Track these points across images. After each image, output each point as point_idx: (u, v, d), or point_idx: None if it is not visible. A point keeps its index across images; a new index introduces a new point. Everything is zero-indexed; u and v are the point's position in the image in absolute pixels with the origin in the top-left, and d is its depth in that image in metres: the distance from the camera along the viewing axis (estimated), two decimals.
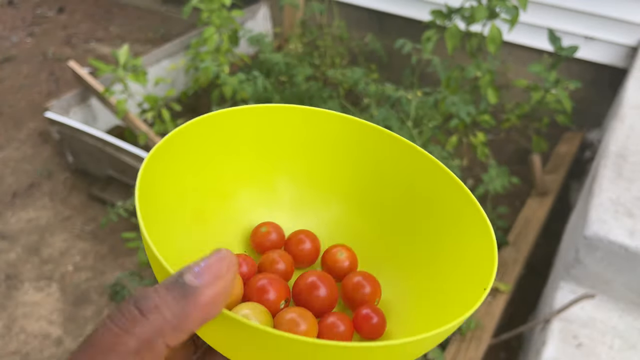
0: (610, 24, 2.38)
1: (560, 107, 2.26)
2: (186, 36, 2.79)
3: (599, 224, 1.44)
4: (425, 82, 3.04)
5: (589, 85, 2.58)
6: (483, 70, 2.04)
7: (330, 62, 2.76)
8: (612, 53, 2.43)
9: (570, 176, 2.36)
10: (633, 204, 1.49)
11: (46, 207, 2.25)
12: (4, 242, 2.09)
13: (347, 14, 3.02)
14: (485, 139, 2.12)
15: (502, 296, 1.73)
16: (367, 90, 1.99)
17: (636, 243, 1.39)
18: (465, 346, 1.58)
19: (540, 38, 2.53)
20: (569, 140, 2.51)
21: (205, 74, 2.38)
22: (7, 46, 3.30)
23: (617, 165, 1.61)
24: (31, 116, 2.75)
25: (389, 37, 2.98)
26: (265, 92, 2.44)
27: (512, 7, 1.96)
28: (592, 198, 1.52)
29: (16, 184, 2.35)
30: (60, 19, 3.62)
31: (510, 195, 2.33)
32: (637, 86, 2.00)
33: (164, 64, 2.68)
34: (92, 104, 2.44)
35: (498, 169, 1.99)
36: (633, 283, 1.43)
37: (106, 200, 2.24)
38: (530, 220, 2.05)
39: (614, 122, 1.88)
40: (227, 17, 2.53)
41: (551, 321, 1.46)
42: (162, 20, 3.67)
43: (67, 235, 2.13)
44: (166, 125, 2.31)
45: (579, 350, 1.36)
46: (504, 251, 1.92)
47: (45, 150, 2.54)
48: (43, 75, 3.06)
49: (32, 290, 1.91)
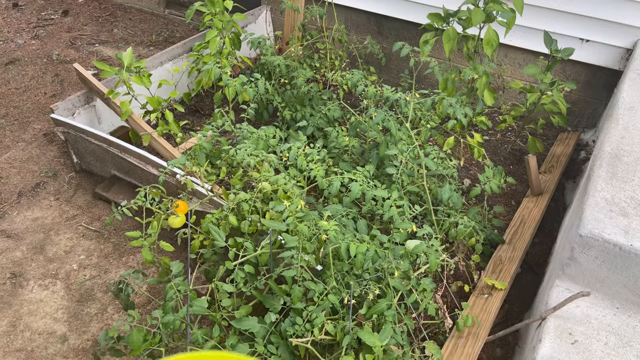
0: (605, 27, 2.41)
1: (555, 108, 2.30)
2: (189, 39, 2.83)
3: (593, 223, 1.47)
4: (422, 84, 3.08)
5: (584, 86, 2.62)
6: (479, 72, 2.07)
7: (330, 64, 2.80)
8: (607, 55, 2.46)
9: (565, 176, 2.39)
10: (627, 204, 1.52)
11: (51, 207, 2.29)
12: (9, 241, 2.13)
13: (347, 17, 3.06)
14: (481, 139, 2.16)
15: (498, 294, 1.77)
16: (366, 92, 2.03)
17: (630, 242, 1.42)
18: (462, 342, 1.61)
19: (536, 40, 2.56)
20: (564, 140, 2.54)
21: (208, 76, 2.42)
22: (13, 48, 3.35)
23: (612, 166, 1.64)
24: (36, 117, 2.79)
25: (387, 40, 3.02)
26: (267, 94, 2.48)
27: (508, 10, 1.99)
28: (587, 198, 1.55)
29: (22, 183, 2.39)
30: (64, 22, 3.67)
31: (506, 195, 2.36)
32: (632, 88, 2.04)
33: (167, 67, 2.73)
34: (97, 105, 2.48)
35: (494, 169, 2.03)
36: (627, 281, 1.46)
37: (110, 199, 2.28)
38: (526, 219, 2.08)
39: (608, 123, 1.91)
40: (229, 20, 2.57)
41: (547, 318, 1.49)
42: (165, 24, 3.71)
43: (72, 234, 2.16)
44: (169, 127, 2.35)
45: (575, 347, 1.39)
46: (500, 250, 1.95)
47: (50, 150, 2.58)
48: (48, 77, 3.10)
49: (37, 288, 1.95)
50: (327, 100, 2.48)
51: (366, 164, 1.95)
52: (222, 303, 1.47)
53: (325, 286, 1.45)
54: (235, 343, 1.37)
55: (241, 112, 2.14)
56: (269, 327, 1.42)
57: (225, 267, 1.50)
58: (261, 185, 1.65)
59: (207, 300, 1.43)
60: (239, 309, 1.47)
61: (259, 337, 1.40)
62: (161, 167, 2.04)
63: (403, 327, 1.48)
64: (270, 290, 1.52)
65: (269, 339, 1.41)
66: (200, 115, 2.81)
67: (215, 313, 1.47)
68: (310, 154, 1.84)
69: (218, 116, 2.21)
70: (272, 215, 1.65)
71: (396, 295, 1.53)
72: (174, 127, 2.34)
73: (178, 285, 1.39)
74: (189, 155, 1.93)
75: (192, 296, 1.44)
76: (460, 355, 1.58)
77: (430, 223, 1.91)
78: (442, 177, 2.03)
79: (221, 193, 1.87)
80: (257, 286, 1.48)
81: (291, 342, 1.36)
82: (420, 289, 1.55)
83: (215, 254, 1.65)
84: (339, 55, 2.83)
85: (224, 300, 1.47)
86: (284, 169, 1.95)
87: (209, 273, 1.62)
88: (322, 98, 2.52)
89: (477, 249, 1.89)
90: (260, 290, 1.51)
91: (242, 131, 2.01)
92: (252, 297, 1.50)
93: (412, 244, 1.56)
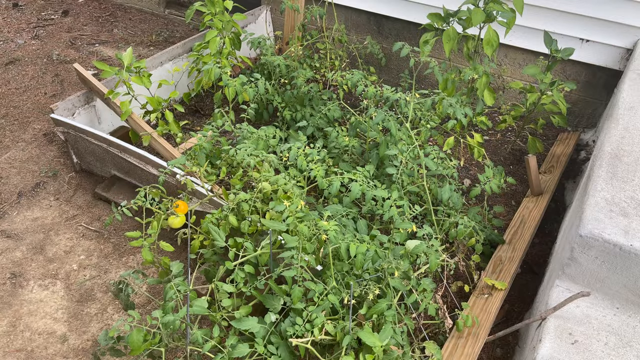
0: (605, 27, 2.41)
1: (555, 108, 2.30)
2: (189, 39, 2.83)
3: (593, 223, 1.47)
4: (422, 84, 3.08)
5: (584, 86, 2.62)
6: (479, 72, 2.07)
7: (330, 64, 2.80)
8: (607, 55, 2.46)
9: (565, 176, 2.39)
10: (627, 204, 1.52)
11: (51, 207, 2.29)
12: (9, 241, 2.13)
13: (347, 17, 3.06)
14: (481, 139, 2.16)
15: (498, 294, 1.76)
16: (366, 92, 2.03)
17: (630, 242, 1.42)
18: (462, 342, 1.61)
19: (536, 40, 2.56)
20: (564, 141, 2.54)
21: (208, 76, 2.42)
22: (13, 48, 3.35)
23: (612, 166, 1.64)
24: (36, 117, 2.79)
25: (387, 40, 3.02)
26: (267, 94, 2.48)
27: (508, 10, 1.99)
28: (587, 198, 1.55)
29: (22, 183, 2.39)
30: (64, 22, 3.67)
31: (506, 195, 2.36)
32: (632, 88, 2.03)
33: (167, 67, 2.73)
34: (97, 105, 2.48)
35: (494, 169, 2.03)
36: (627, 281, 1.45)
37: (110, 199, 2.28)
38: (526, 219, 2.08)
39: (608, 123, 1.91)
40: (229, 20, 2.57)
41: (547, 318, 1.49)
42: (165, 24, 3.72)
43: (72, 234, 2.16)
44: (169, 127, 2.35)
45: (575, 347, 1.38)
46: (500, 250, 1.95)
47: (50, 150, 2.58)
48: (48, 77, 3.10)
49: (37, 288, 1.95)
50: (327, 101, 2.48)
51: (366, 164, 1.95)
52: (222, 303, 1.47)
53: (325, 286, 1.45)
54: (235, 343, 1.37)
55: (241, 112, 2.14)
56: (269, 327, 1.42)
57: (225, 267, 1.50)
58: (261, 185, 1.65)
59: (207, 300, 1.43)
60: (239, 309, 1.47)
61: (259, 337, 1.40)
62: (161, 167, 2.04)
63: (403, 327, 1.48)
64: (270, 291, 1.52)
65: (269, 339, 1.41)
66: (200, 115, 2.81)
67: (215, 313, 1.47)
68: (310, 154, 1.84)
69: (218, 116, 2.21)
70: (272, 215, 1.65)
71: (396, 295, 1.53)
72: (174, 127, 2.34)
73: (178, 285, 1.39)
74: (189, 155, 1.93)
75: (192, 296, 1.44)
76: (460, 355, 1.57)
77: (430, 223, 1.91)
78: (442, 177, 2.03)
79: (221, 193, 1.87)
80: (257, 286, 1.48)
81: (291, 342, 1.36)
82: (420, 289, 1.55)
83: (215, 254, 1.65)
84: (339, 55, 2.83)
85: (224, 300, 1.47)
86: (284, 169, 1.95)
87: (209, 273, 1.62)
88: (322, 98, 2.52)
89: (477, 249, 1.89)
90: (260, 290, 1.51)
91: (242, 131, 2.01)
92: (252, 297, 1.50)
93: (412, 244, 1.56)
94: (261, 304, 1.50)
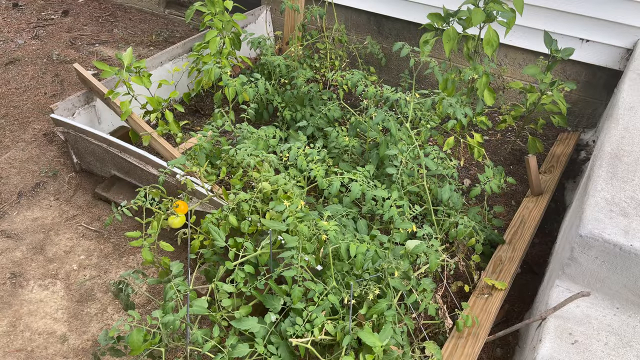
0: (605, 27, 2.41)
1: (555, 108, 2.30)
2: (189, 39, 2.83)
3: (593, 223, 1.47)
4: (422, 84, 3.08)
5: (584, 86, 2.62)
6: (479, 72, 2.08)
7: (330, 64, 2.80)
8: (607, 55, 2.46)
9: (565, 176, 2.39)
10: (627, 204, 1.52)
11: (51, 207, 2.29)
12: (9, 241, 2.13)
13: (347, 17, 3.06)
14: (481, 139, 2.16)
15: (498, 294, 1.76)
16: (366, 92, 2.03)
17: (630, 242, 1.42)
18: (462, 342, 1.61)
19: (536, 40, 2.56)
20: (564, 141, 2.54)
21: (208, 76, 2.42)
22: (13, 48, 3.35)
23: (612, 166, 1.64)
24: (36, 117, 2.79)
25: (387, 40, 3.02)
26: (267, 94, 2.48)
27: (508, 10, 1.99)
28: (587, 198, 1.55)
29: (22, 183, 2.39)
30: (64, 22, 3.67)
31: (506, 195, 2.36)
32: (632, 88, 2.04)
33: (167, 67, 2.73)
34: (97, 105, 2.48)
35: (494, 169, 2.03)
36: (627, 281, 1.45)
37: (110, 199, 2.28)
38: (526, 219, 2.08)
39: (608, 123, 1.91)
40: (229, 20, 2.57)
41: (547, 318, 1.49)
42: (165, 24, 3.72)
43: (72, 234, 2.17)
44: (169, 127, 2.35)
45: (575, 347, 1.38)
46: (500, 250, 1.95)
47: (50, 150, 2.58)
48: (48, 77, 3.10)
49: (37, 288, 1.95)
50: (327, 101, 2.48)
51: (366, 164, 1.95)
52: (222, 303, 1.47)
53: (325, 286, 1.45)
54: (235, 343, 1.37)
55: (241, 112, 2.14)
56: (269, 327, 1.42)
57: (225, 267, 1.50)
58: (261, 185, 1.65)
59: (207, 301, 1.43)
60: (239, 309, 1.47)
61: (259, 337, 1.40)
62: (161, 167, 2.04)
63: (403, 327, 1.48)
64: (270, 290, 1.52)
65: (269, 339, 1.41)
66: (200, 115, 2.81)
67: (215, 313, 1.47)
68: (310, 154, 1.84)
69: (218, 116, 2.21)
70: (272, 215, 1.65)
71: (396, 295, 1.53)
72: (174, 127, 2.34)
73: (178, 285, 1.39)
74: (189, 155, 1.93)
75: (192, 296, 1.44)
76: (460, 355, 1.58)
77: (430, 223, 1.91)
78: (442, 177, 2.03)
79: (221, 193, 1.87)
80: (257, 286, 1.48)
81: (291, 342, 1.36)
82: (420, 289, 1.55)
83: (215, 254, 1.65)
84: (339, 55, 2.83)
85: (224, 300, 1.47)
86: (284, 169, 1.95)
87: (209, 273, 1.62)
88: (322, 98, 2.52)
89: (477, 249, 1.89)
90: (260, 290, 1.51)
91: (242, 131, 2.01)
92: (252, 297, 1.50)
93: (412, 244, 1.56)
94: (261, 304, 1.50)
